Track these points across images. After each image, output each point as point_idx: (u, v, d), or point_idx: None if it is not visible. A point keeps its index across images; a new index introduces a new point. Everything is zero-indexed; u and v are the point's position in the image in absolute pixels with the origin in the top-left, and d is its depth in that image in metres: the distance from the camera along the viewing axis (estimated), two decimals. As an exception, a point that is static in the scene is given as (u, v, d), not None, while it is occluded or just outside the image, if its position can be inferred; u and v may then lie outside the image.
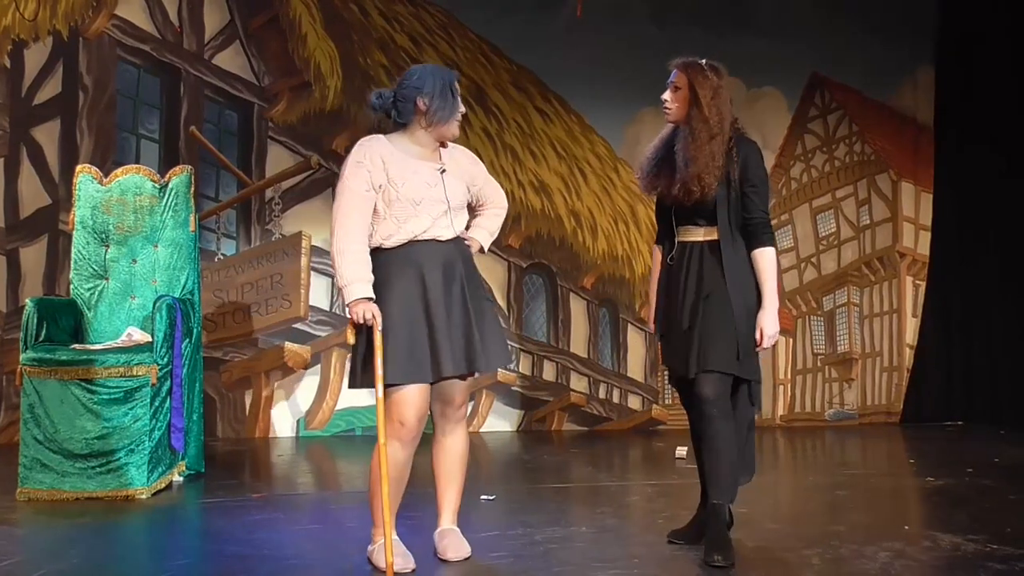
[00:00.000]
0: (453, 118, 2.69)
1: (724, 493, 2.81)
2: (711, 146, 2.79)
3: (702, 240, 2.87)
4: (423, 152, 2.71)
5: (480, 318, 2.70)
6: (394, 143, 2.71)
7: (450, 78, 2.70)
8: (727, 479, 2.81)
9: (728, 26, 6.27)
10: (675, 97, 2.87)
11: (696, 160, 2.78)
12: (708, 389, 2.80)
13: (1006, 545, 2.89)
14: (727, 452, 2.79)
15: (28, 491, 3.68)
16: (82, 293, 4.17)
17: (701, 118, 2.80)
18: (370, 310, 2.56)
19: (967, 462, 4.56)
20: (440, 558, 2.76)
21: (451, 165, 2.74)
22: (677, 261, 2.91)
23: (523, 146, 6.17)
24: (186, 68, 5.67)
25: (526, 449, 5.40)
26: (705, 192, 2.78)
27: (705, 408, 2.80)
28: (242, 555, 2.86)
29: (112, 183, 4.24)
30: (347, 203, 2.62)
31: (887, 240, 6.64)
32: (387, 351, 2.59)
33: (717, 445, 2.79)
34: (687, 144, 2.81)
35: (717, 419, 2.80)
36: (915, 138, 6.69)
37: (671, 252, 2.94)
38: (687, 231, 2.91)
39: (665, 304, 2.95)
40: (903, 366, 6.58)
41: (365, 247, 2.62)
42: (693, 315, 2.83)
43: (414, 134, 2.71)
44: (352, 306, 2.57)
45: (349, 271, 2.58)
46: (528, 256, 6.08)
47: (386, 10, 6.02)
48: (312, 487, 4.36)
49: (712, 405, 2.80)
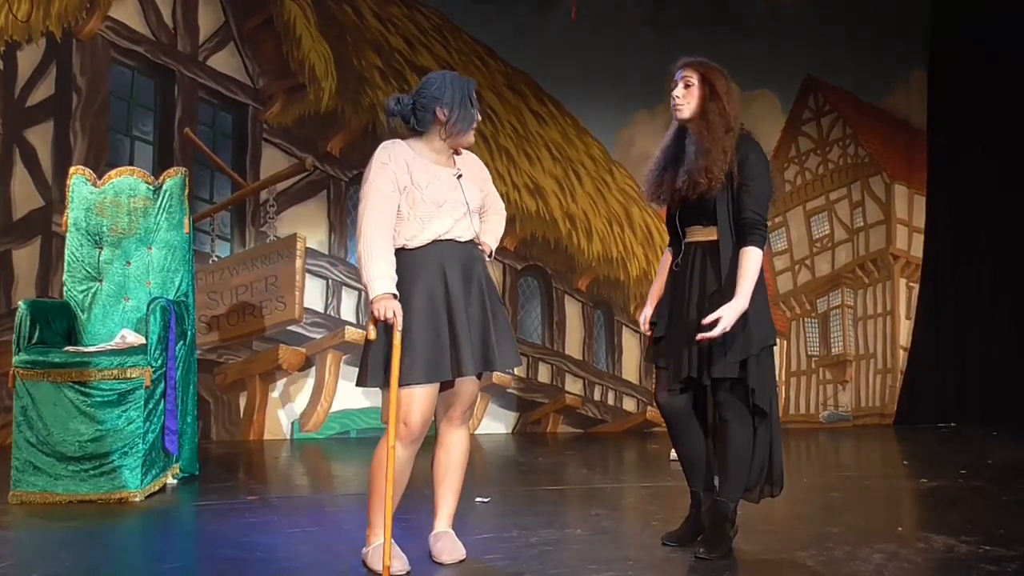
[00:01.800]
0: (471, 128, 2.73)
1: (733, 492, 2.82)
2: (725, 140, 2.77)
3: (705, 240, 2.84)
4: (439, 159, 2.76)
5: (496, 319, 2.74)
6: (414, 148, 2.74)
7: (469, 88, 2.73)
8: (736, 480, 2.81)
9: (722, 29, 6.29)
10: (687, 94, 2.84)
11: (709, 152, 2.75)
12: (721, 394, 2.79)
13: (999, 546, 2.90)
14: (742, 453, 2.79)
15: (21, 494, 3.66)
16: (75, 295, 4.16)
17: (719, 111, 2.78)
18: (392, 308, 2.56)
19: (960, 464, 4.58)
20: (435, 561, 2.75)
21: (465, 171, 2.79)
22: (682, 263, 2.90)
23: (518, 148, 6.18)
24: (180, 70, 5.66)
25: (521, 451, 5.40)
26: (712, 185, 2.75)
27: (721, 411, 2.80)
28: (236, 558, 2.85)
29: (106, 185, 4.23)
30: (373, 202, 2.64)
31: (881, 242, 6.67)
32: (410, 349, 2.60)
33: (731, 450, 2.79)
34: (702, 137, 2.78)
35: (731, 422, 2.79)
36: (908, 141, 6.72)
37: (677, 255, 2.94)
38: (691, 232, 2.89)
39: (669, 305, 2.92)
40: (897, 368, 6.60)
41: (390, 245, 2.64)
42: (693, 320, 2.78)
43: (431, 142, 2.75)
44: (374, 302, 2.58)
45: (373, 267, 2.59)
46: (523, 258, 6.09)
47: (381, 12, 6.02)
48: (307, 489, 4.35)
49: (726, 408, 2.79)
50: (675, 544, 2.92)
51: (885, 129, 6.71)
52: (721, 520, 2.81)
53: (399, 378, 2.59)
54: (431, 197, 2.66)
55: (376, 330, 2.62)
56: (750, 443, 2.81)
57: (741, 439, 2.79)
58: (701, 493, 2.92)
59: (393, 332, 2.57)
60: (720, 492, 2.84)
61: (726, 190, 2.78)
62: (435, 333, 2.63)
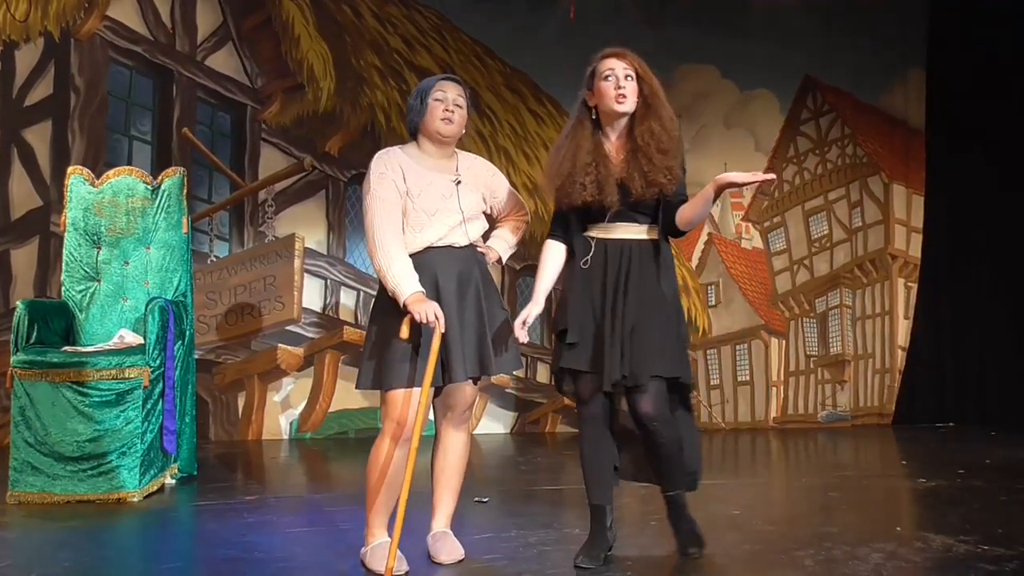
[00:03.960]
0: (422, 120, 2.73)
1: (679, 483, 2.76)
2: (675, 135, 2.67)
3: (643, 238, 2.70)
4: (436, 162, 2.77)
5: (493, 323, 2.75)
6: (408, 154, 2.77)
7: (429, 84, 2.75)
8: (680, 471, 2.75)
9: (721, 29, 6.29)
10: (632, 87, 2.69)
11: (669, 152, 2.65)
12: (649, 402, 2.64)
13: (997, 546, 2.90)
14: (675, 452, 2.71)
15: (19, 494, 3.66)
16: (74, 295, 4.15)
17: (662, 104, 2.68)
18: (431, 309, 2.56)
19: (959, 463, 4.58)
20: (434, 561, 2.76)
21: (468, 176, 2.79)
22: (597, 261, 2.71)
23: (516, 148, 6.18)
24: (179, 70, 5.66)
25: (520, 451, 5.40)
26: (673, 182, 2.64)
27: (647, 423, 2.66)
28: (234, 558, 2.85)
29: (104, 185, 4.23)
30: (380, 212, 2.66)
31: (879, 242, 6.67)
32: (399, 355, 2.62)
33: (665, 451, 2.70)
34: (659, 136, 2.65)
35: (660, 430, 2.66)
36: (906, 141, 6.72)
37: (584, 254, 2.73)
38: (617, 228, 2.70)
39: (584, 308, 2.71)
40: (895, 368, 6.60)
41: (404, 249, 2.66)
42: (629, 320, 2.64)
43: (421, 145, 2.79)
44: (410, 304, 2.57)
45: (396, 270, 2.60)
46: (522, 258, 6.09)
47: (379, 12, 6.02)
48: (305, 489, 4.35)
49: (654, 419, 2.65)
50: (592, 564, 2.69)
51: (884, 129, 6.71)
52: (685, 512, 2.78)
53: (392, 380, 2.61)
54: (422, 206, 2.68)
55: (408, 329, 2.59)
56: (678, 435, 2.72)
57: (669, 435, 2.69)
58: (607, 506, 2.79)
59: (435, 335, 2.57)
60: (669, 489, 2.77)
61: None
62: (427, 338, 2.63)
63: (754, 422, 6.44)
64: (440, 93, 2.72)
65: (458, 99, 2.74)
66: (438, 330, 2.58)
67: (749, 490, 4.19)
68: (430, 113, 2.72)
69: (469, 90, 2.84)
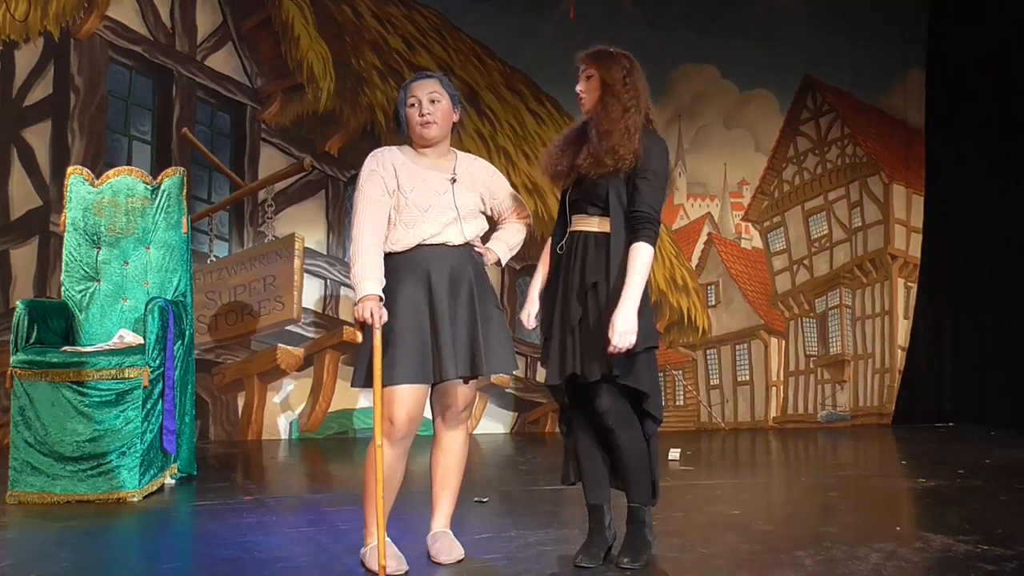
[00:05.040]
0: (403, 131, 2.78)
1: (642, 496, 2.73)
2: (625, 120, 2.63)
3: (593, 231, 2.67)
4: (432, 161, 2.78)
5: (487, 322, 2.72)
6: (404, 153, 2.78)
7: (402, 94, 2.77)
8: (644, 482, 2.72)
9: (720, 29, 6.29)
10: (588, 87, 2.71)
11: (611, 134, 2.62)
12: (603, 399, 2.61)
13: (997, 546, 2.90)
14: (638, 458, 2.68)
15: (18, 494, 3.66)
16: (73, 295, 4.15)
17: (613, 93, 2.65)
18: (369, 308, 2.57)
19: (958, 463, 4.58)
20: (433, 561, 2.75)
21: (465, 175, 2.79)
22: (565, 253, 2.71)
23: (516, 148, 6.18)
24: (178, 69, 5.66)
25: (519, 451, 5.40)
26: (619, 164, 2.60)
27: (604, 420, 2.63)
28: (234, 558, 2.85)
29: (104, 185, 4.23)
30: (363, 208, 2.68)
31: (879, 242, 6.67)
32: (392, 351, 2.61)
33: (626, 459, 2.67)
34: (600, 121, 2.65)
35: (617, 431, 2.63)
36: (906, 141, 6.72)
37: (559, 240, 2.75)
38: (577, 220, 2.70)
39: (546, 300, 2.73)
40: (895, 368, 6.61)
41: (379, 249, 2.66)
42: (575, 313, 2.62)
43: (416, 147, 2.80)
44: (359, 302, 2.60)
45: (359, 270, 2.62)
46: (521, 259, 6.08)
47: (379, 12, 6.02)
48: (305, 489, 4.34)
49: (609, 416, 2.62)
50: (592, 564, 2.69)
51: (883, 129, 6.72)
52: (640, 526, 2.74)
53: (383, 378, 2.60)
54: (415, 202, 2.68)
55: (363, 332, 2.64)
56: (643, 444, 2.69)
57: (633, 442, 2.66)
58: (605, 505, 2.78)
59: (372, 333, 2.57)
60: (630, 499, 2.75)
61: (622, 181, 2.63)
62: (418, 336, 2.64)
63: (754, 422, 6.44)
64: (412, 99, 2.72)
65: (433, 95, 2.72)
66: (375, 329, 2.56)
67: (749, 490, 4.19)
68: (408, 122, 2.74)
69: (450, 76, 2.86)
